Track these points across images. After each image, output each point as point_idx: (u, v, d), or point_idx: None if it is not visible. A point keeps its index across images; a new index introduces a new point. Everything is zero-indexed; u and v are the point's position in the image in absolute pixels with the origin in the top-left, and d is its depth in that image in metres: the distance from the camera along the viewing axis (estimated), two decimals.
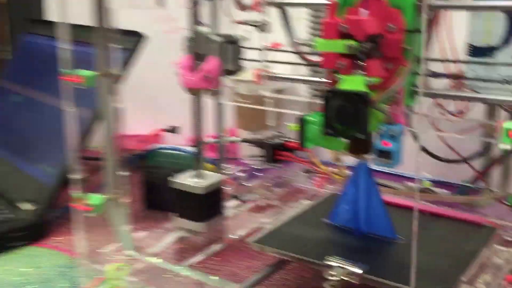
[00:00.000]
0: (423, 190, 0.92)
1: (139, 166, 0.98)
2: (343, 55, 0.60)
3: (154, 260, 0.73)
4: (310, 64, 0.76)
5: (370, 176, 0.69)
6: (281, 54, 0.84)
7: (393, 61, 0.60)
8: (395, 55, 0.59)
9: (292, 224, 0.76)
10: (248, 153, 1.11)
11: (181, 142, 1.09)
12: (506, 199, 0.83)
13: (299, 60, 0.79)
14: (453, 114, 0.78)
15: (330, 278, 0.59)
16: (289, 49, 0.80)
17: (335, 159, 0.92)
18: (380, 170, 0.74)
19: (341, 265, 0.60)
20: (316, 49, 0.62)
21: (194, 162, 0.80)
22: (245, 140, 1.09)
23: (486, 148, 0.87)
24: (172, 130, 1.22)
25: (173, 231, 0.80)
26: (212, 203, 0.78)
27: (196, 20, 0.74)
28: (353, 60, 0.60)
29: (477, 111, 0.82)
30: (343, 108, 0.58)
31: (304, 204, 0.85)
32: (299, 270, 0.75)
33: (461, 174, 0.91)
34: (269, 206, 0.95)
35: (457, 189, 0.92)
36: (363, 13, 0.59)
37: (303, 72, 0.86)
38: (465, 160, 0.88)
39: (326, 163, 0.97)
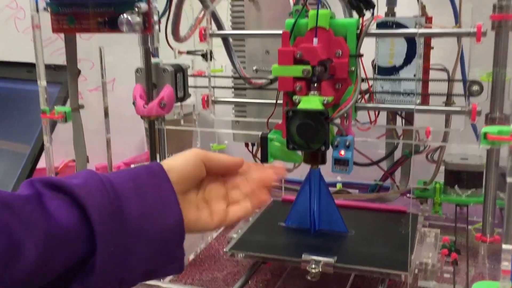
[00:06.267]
0: (339, 192, 1.05)
1: None
2: (298, 79, 0.69)
3: None
4: (256, 87, 0.83)
5: (322, 181, 0.78)
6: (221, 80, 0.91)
7: (341, 81, 0.70)
8: (342, 76, 0.69)
9: (255, 231, 0.83)
10: None
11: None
12: (412, 192, 0.97)
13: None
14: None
15: (311, 270, 0.68)
16: (231, 74, 0.87)
17: None
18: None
19: (316, 259, 0.70)
20: (273, 74, 0.70)
21: None
22: None
23: (390, 152, 1.01)
24: None
25: None
26: None
27: (148, 51, 0.78)
28: (307, 83, 0.69)
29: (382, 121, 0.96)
30: (304, 125, 0.67)
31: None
32: (272, 269, 0.83)
33: (366, 175, 1.04)
34: None
35: (368, 188, 1.06)
36: (315, 42, 0.68)
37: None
38: (375, 163, 1.01)
39: None
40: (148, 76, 0.78)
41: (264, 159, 0.72)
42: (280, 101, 0.73)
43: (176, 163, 0.51)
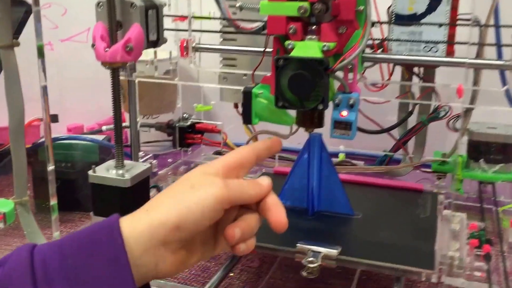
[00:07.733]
0: (341, 163, 0.90)
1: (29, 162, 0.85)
2: (292, 19, 0.54)
3: None
4: (243, 32, 0.68)
5: (324, 151, 0.64)
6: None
7: (346, 24, 0.55)
8: (348, 17, 0.54)
9: None
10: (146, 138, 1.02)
11: (61, 131, 0.96)
12: (431, 166, 0.83)
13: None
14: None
15: (309, 265, 0.54)
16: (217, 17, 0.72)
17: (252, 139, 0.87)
18: None
19: (315, 250, 0.56)
20: (261, 12, 0.55)
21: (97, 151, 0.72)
22: (147, 125, 0.98)
23: (404, 118, 0.87)
24: (51, 118, 1.06)
25: None
26: (140, 196, 0.69)
27: None
28: (303, 24, 0.54)
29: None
30: (298, 77, 0.52)
31: None
32: (262, 256, 0.71)
33: (374, 145, 0.91)
34: None
35: (376, 159, 0.93)
36: None
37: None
38: (385, 130, 0.88)
39: (238, 145, 0.92)
40: (111, 11, 0.63)
41: (247, 119, 0.58)
42: (269, 49, 0.58)
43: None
